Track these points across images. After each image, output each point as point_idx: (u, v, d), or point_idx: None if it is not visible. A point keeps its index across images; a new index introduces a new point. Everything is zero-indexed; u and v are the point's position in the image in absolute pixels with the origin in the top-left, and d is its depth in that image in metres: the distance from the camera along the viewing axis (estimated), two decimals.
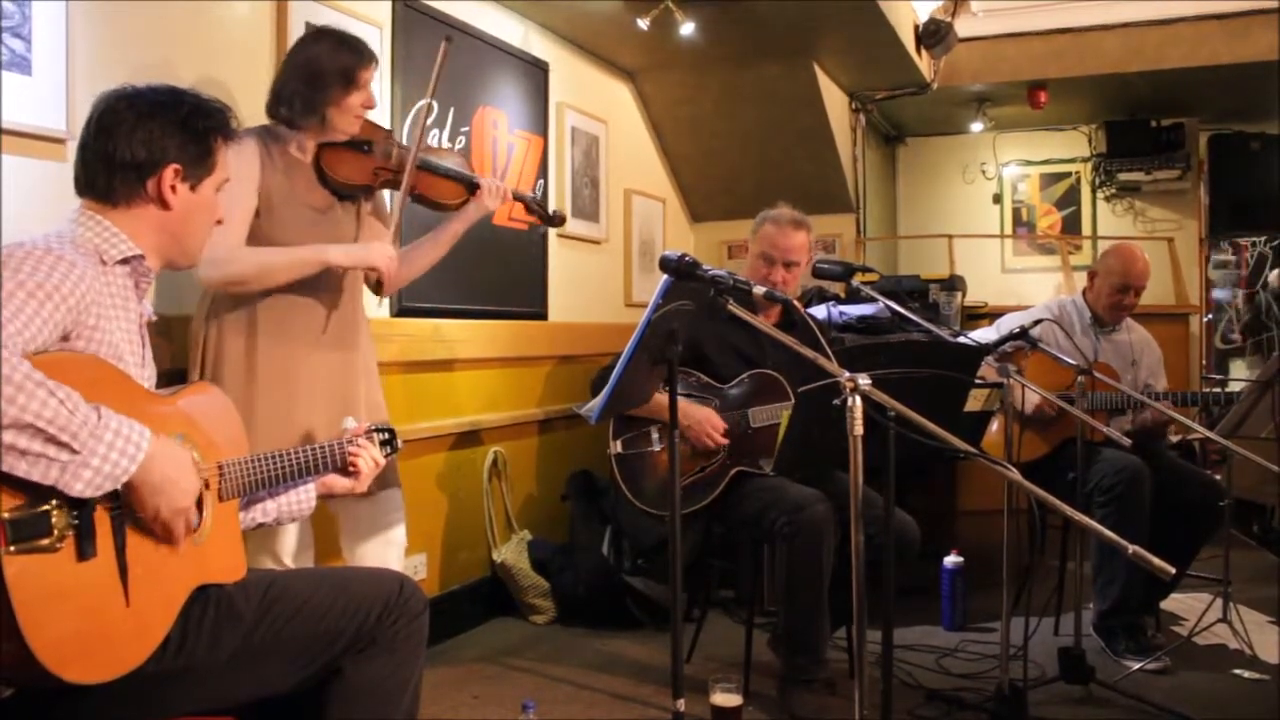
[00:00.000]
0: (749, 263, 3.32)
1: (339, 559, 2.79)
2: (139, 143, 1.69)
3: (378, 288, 2.58)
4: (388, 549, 2.74)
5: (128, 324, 1.69)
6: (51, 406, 1.36)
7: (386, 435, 2.05)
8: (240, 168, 2.34)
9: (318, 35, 2.59)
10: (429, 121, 3.62)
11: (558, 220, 3.06)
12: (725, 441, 3.09)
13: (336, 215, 2.60)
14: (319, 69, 2.47)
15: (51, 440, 1.36)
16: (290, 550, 2.64)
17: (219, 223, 1.86)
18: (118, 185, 1.70)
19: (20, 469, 1.35)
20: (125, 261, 1.70)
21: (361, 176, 2.60)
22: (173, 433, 1.62)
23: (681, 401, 2.50)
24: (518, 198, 2.93)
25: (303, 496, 1.97)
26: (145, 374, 1.75)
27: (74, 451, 1.38)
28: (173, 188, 1.72)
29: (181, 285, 2.69)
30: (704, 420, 3.08)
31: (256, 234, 2.47)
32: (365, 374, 2.70)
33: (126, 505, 1.50)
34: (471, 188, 2.75)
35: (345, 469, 1.96)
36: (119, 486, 1.45)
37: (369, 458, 1.97)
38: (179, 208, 1.74)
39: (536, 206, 3.00)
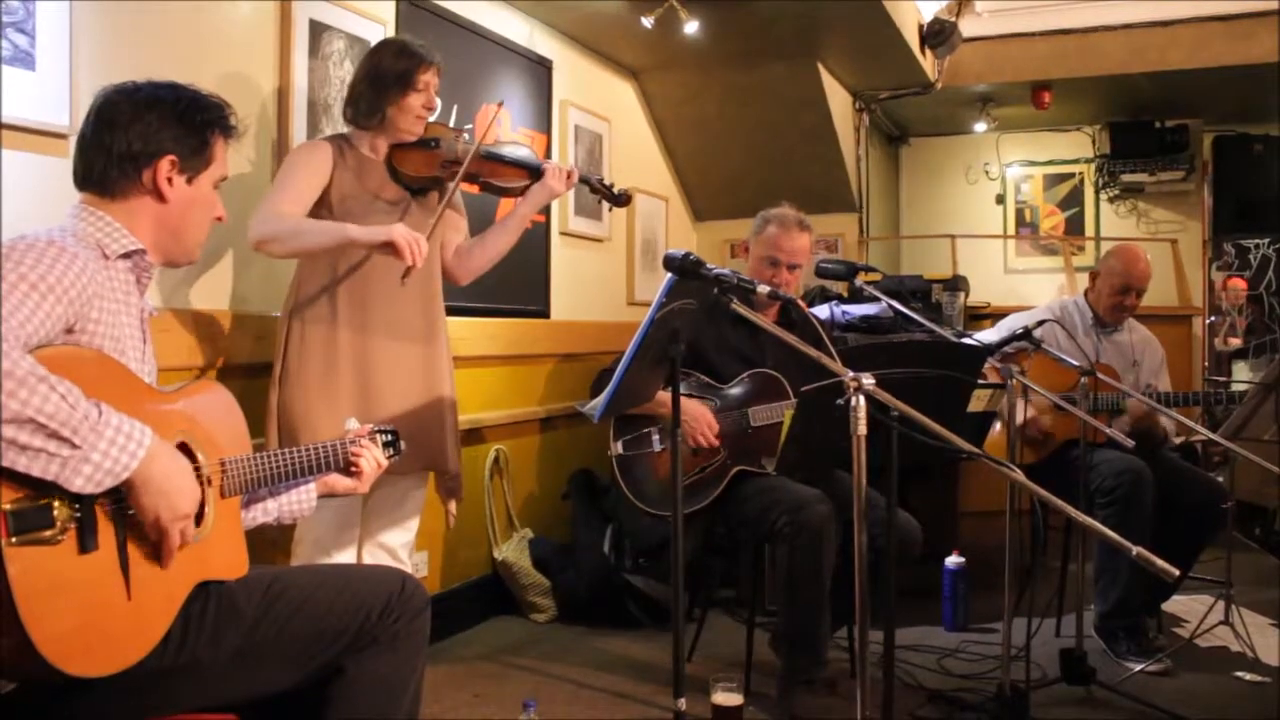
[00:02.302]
0: (751, 264, 3.31)
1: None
2: (135, 134, 1.69)
3: (405, 274, 2.58)
4: (403, 533, 2.87)
5: (129, 318, 1.69)
6: (53, 401, 1.35)
7: (390, 437, 2.04)
8: (313, 162, 2.63)
9: (384, 43, 2.81)
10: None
11: (624, 200, 3.08)
12: (717, 442, 3.09)
13: (409, 208, 2.76)
14: (381, 72, 2.67)
15: (52, 435, 1.36)
16: (331, 528, 2.68)
17: (219, 219, 1.86)
18: (114, 177, 1.70)
19: (20, 464, 1.35)
20: (127, 256, 1.71)
21: (429, 169, 2.76)
22: (175, 429, 1.62)
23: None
24: (583, 180, 3.02)
25: (303, 496, 1.96)
26: (146, 369, 1.75)
27: (74, 446, 1.38)
28: (169, 180, 1.72)
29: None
30: (699, 418, 3.08)
31: None
32: (446, 367, 2.85)
33: (125, 510, 1.49)
34: (535, 173, 2.89)
35: (347, 469, 1.96)
36: (119, 484, 1.45)
37: (371, 458, 1.96)
38: (175, 201, 1.74)
39: (601, 187, 3.04)
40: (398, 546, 2.84)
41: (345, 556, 2.73)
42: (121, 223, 1.70)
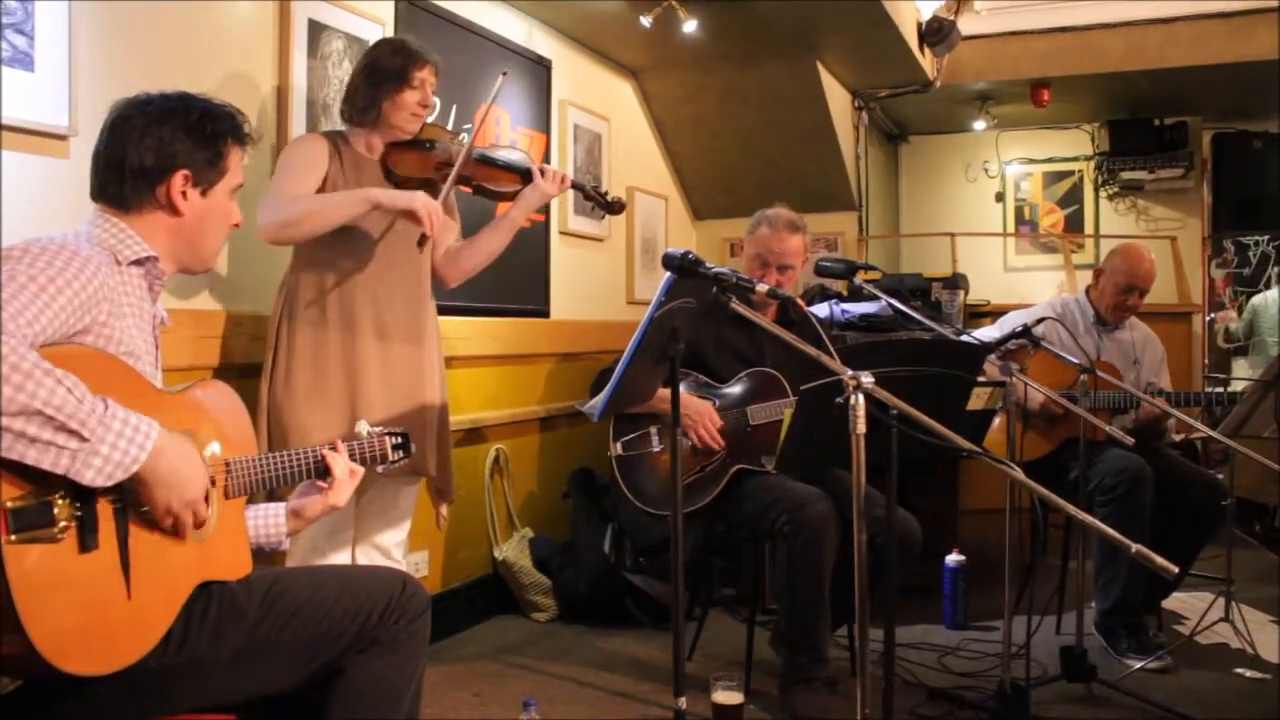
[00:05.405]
0: (744, 264, 3.32)
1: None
2: (148, 149, 1.70)
3: (421, 242, 2.64)
4: (395, 533, 2.88)
5: (141, 324, 1.69)
6: (60, 395, 1.36)
7: (400, 440, 2.03)
8: (311, 154, 2.65)
9: (382, 41, 2.83)
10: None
11: (617, 207, 3.06)
12: (721, 441, 3.08)
13: None
14: (378, 68, 2.69)
15: (61, 428, 1.36)
16: (324, 530, 2.68)
17: (235, 226, 1.86)
18: (129, 192, 1.71)
19: (30, 457, 1.35)
20: (139, 263, 1.71)
21: (423, 171, 2.76)
22: (181, 427, 1.62)
23: (681, 393, 2.49)
24: (575, 186, 3.02)
25: (272, 524, 1.93)
26: (157, 375, 1.75)
27: (83, 439, 1.38)
28: (183, 194, 1.73)
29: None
30: (703, 413, 3.08)
31: None
32: (433, 369, 2.84)
33: (135, 500, 1.50)
34: (527, 176, 2.89)
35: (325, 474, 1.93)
36: (127, 477, 1.45)
37: (342, 466, 1.91)
38: (190, 214, 1.75)
39: (595, 194, 3.03)
40: (391, 546, 2.86)
41: (340, 557, 2.74)
42: (136, 232, 1.71)
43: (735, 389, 3.20)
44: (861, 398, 1.80)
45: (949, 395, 2.46)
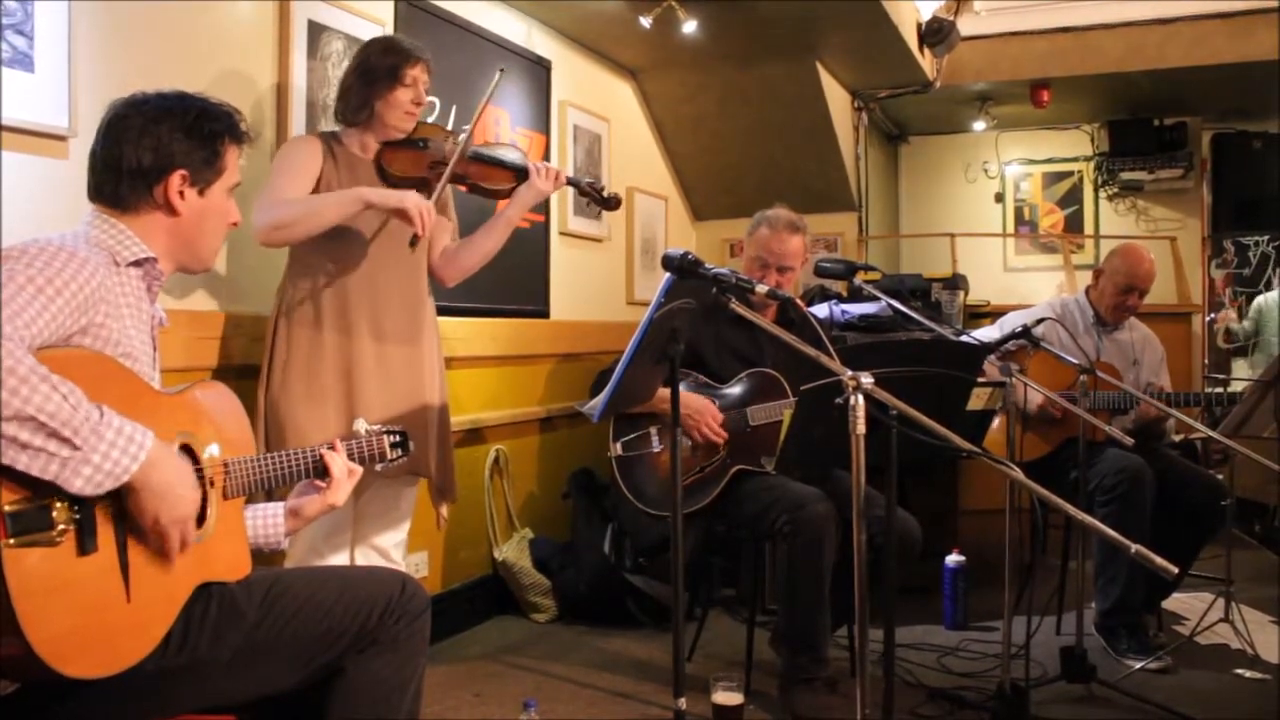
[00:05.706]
0: (744, 265, 3.33)
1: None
2: (145, 149, 1.69)
3: (414, 241, 2.62)
4: (394, 534, 2.87)
5: (140, 325, 1.69)
6: (54, 401, 1.36)
7: (398, 438, 2.03)
8: (305, 155, 2.65)
9: (372, 41, 2.83)
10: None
11: (614, 203, 3.05)
12: (724, 435, 3.08)
13: None
14: (370, 67, 2.68)
15: (53, 435, 1.36)
16: (323, 531, 2.68)
17: (234, 225, 1.86)
18: (126, 192, 1.70)
19: (21, 462, 1.35)
20: (138, 264, 1.71)
21: (417, 170, 2.75)
22: (177, 429, 1.62)
23: (681, 392, 2.49)
24: (570, 182, 3.01)
25: (271, 524, 1.92)
26: (156, 376, 1.75)
27: (74, 447, 1.38)
28: (180, 194, 1.73)
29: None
30: (703, 410, 3.08)
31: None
32: (431, 369, 2.83)
33: (126, 511, 1.50)
34: (521, 174, 2.87)
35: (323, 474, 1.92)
36: (119, 487, 1.45)
37: (340, 465, 1.91)
38: (188, 213, 1.74)
39: (590, 190, 3.02)
40: (390, 547, 2.85)
41: (338, 559, 2.74)
42: (135, 232, 1.71)
43: (735, 389, 3.20)
44: (861, 398, 1.80)
45: (948, 396, 2.46)
